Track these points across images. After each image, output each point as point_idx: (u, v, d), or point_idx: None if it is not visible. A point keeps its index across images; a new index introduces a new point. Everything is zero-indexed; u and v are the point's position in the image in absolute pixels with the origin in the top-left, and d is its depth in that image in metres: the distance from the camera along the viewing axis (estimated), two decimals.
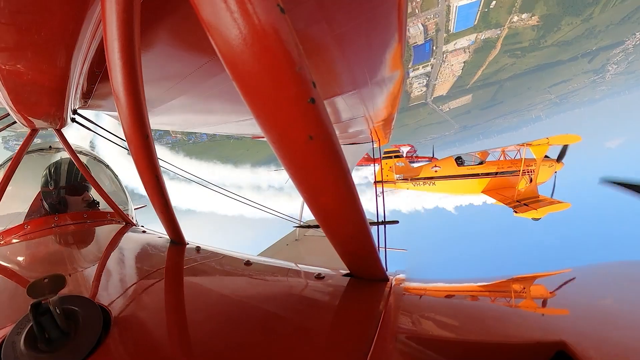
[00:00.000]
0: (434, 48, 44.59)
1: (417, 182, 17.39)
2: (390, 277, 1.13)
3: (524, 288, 1.05)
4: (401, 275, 1.18)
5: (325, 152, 0.76)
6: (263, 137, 0.79)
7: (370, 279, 1.12)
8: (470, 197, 18.54)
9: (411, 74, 48.48)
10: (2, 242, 2.30)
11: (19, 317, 0.84)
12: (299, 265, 1.41)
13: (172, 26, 1.62)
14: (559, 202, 15.08)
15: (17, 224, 2.46)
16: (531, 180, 15.66)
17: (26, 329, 0.80)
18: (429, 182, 17.26)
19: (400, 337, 0.77)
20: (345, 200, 0.87)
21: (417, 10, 37.35)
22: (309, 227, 8.53)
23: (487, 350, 0.67)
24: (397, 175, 17.49)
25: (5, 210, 2.50)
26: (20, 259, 2.00)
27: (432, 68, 48.37)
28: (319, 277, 1.20)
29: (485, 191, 16.63)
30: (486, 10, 41.00)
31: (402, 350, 0.74)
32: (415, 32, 40.64)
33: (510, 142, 16.55)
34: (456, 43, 45.14)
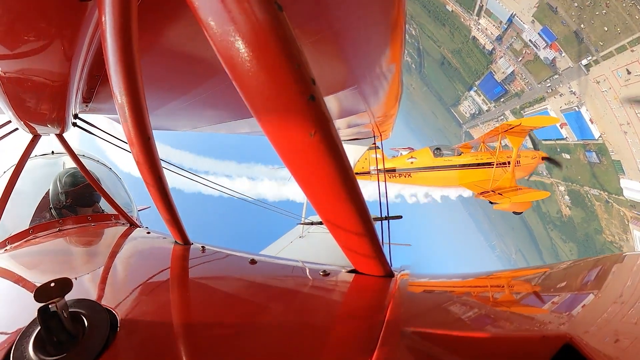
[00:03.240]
0: None
1: (394, 175, 16.64)
2: (395, 273, 1.13)
3: (531, 281, 1.04)
4: (406, 271, 1.18)
5: (326, 148, 0.76)
6: (264, 134, 0.79)
7: (375, 275, 1.12)
8: (447, 189, 17.96)
9: None
10: (8, 248, 2.31)
11: (28, 322, 0.85)
12: (304, 262, 1.41)
13: (169, 27, 1.62)
14: (536, 190, 14.73)
15: (22, 230, 2.48)
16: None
17: (34, 333, 0.81)
18: (405, 174, 16.56)
19: (406, 332, 0.77)
20: (348, 197, 0.87)
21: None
22: (312, 223, 8.55)
23: (492, 345, 0.67)
24: (372, 167, 16.45)
25: (10, 216, 2.51)
26: (26, 264, 2.02)
27: None
28: (325, 273, 1.20)
29: (463, 183, 16.16)
30: None
31: (408, 345, 0.74)
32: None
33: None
34: None
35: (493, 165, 15.54)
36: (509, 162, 15.46)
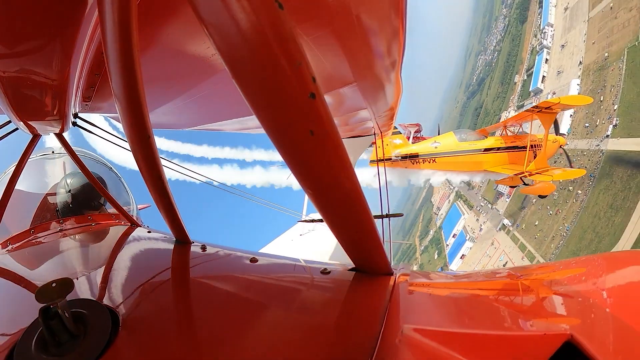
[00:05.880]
0: None
1: (417, 160, 16.48)
2: (395, 271, 1.13)
3: (532, 279, 1.04)
4: (406, 269, 1.18)
5: (326, 146, 0.75)
6: (264, 132, 0.79)
7: (375, 273, 1.12)
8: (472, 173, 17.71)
9: None
10: (9, 248, 2.32)
11: (29, 322, 0.85)
12: (304, 260, 1.41)
13: (170, 25, 1.61)
14: (571, 169, 14.89)
15: (23, 230, 2.48)
16: (535, 156, 15.42)
17: (37, 334, 0.81)
18: (429, 159, 16.37)
19: (406, 330, 0.77)
20: (349, 195, 0.87)
21: None
22: (313, 221, 8.55)
23: (493, 343, 0.67)
24: (395, 153, 16.52)
25: (11, 215, 2.52)
26: (27, 264, 2.02)
27: None
28: (325, 272, 1.20)
29: (489, 167, 16.10)
30: None
31: (408, 343, 0.74)
32: None
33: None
34: None
35: (519, 148, 15.66)
36: (532, 146, 15.53)
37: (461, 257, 70.29)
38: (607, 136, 44.79)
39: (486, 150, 16.14)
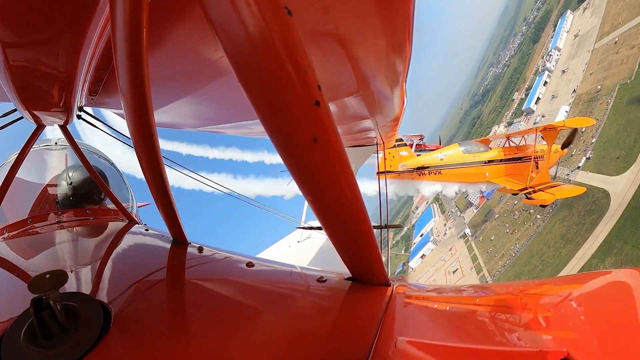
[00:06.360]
0: None
1: (423, 172, 16.94)
2: (392, 282, 1.12)
3: (529, 296, 1.03)
4: (403, 281, 1.18)
5: (329, 154, 0.76)
6: (268, 137, 0.79)
7: (372, 283, 1.11)
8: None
9: None
10: (5, 236, 2.31)
11: (20, 312, 0.85)
12: (301, 267, 1.41)
13: (179, 26, 1.63)
14: (573, 187, 15.41)
15: (20, 219, 2.48)
16: (537, 167, 15.94)
17: (27, 324, 0.80)
18: (435, 171, 16.83)
19: (400, 342, 0.77)
20: (349, 204, 0.86)
21: None
22: (311, 228, 8.53)
23: (488, 358, 0.67)
24: (401, 165, 16.89)
25: (9, 204, 2.51)
26: (22, 253, 2.01)
27: None
28: (321, 280, 1.19)
29: (493, 179, 16.58)
30: None
31: (401, 356, 0.74)
32: None
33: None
34: None
35: (522, 159, 16.32)
36: (535, 157, 16.16)
37: (421, 257, 72.85)
38: (579, 167, 46.25)
39: (489, 162, 16.62)
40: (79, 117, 2.81)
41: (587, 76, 55.78)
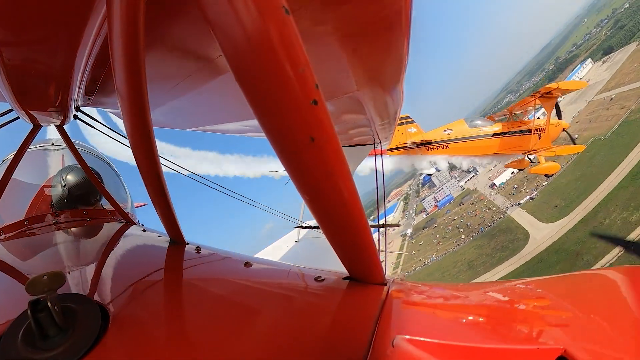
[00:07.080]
0: None
1: (431, 147, 17.60)
2: (389, 281, 1.13)
3: (526, 293, 1.04)
4: (400, 279, 1.18)
5: (326, 153, 0.75)
6: (265, 137, 0.79)
7: (369, 282, 1.12)
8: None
9: None
10: (2, 238, 2.30)
11: (18, 314, 0.84)
12: (298, 267, 1.41)
13: (177, 25, 1.62)
14: (574, 146, 16.66)
15: (17, 220, 2.46)
16: (540, 138, 16.82)
17: (24, 326, 0.80)
18: (442, 145, 17.48)
19: (397, 340, 0.77)
20: (346, 203, 0.86)
21: None
22: (309, 227, 8.54)
23: (486, 356, 0.67)
24: (410, 141, 17.56)
25: (5, 205, 2.50)
26: (19, 255, 2.00)
27: None
28: (318, 279, 1.19)
29: (500, 150, 17.29)
30: None
31: (399, 354, 0.74)
32: None
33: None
34: None
35: (525, 132, 17.17)
36: (537, 129, 17.06)
37: None
38: (519, 204, 48.24)
39: (495, 135, 17.25)
40: (75, 117, 2.80)
41: (573, 123, 56.89)
